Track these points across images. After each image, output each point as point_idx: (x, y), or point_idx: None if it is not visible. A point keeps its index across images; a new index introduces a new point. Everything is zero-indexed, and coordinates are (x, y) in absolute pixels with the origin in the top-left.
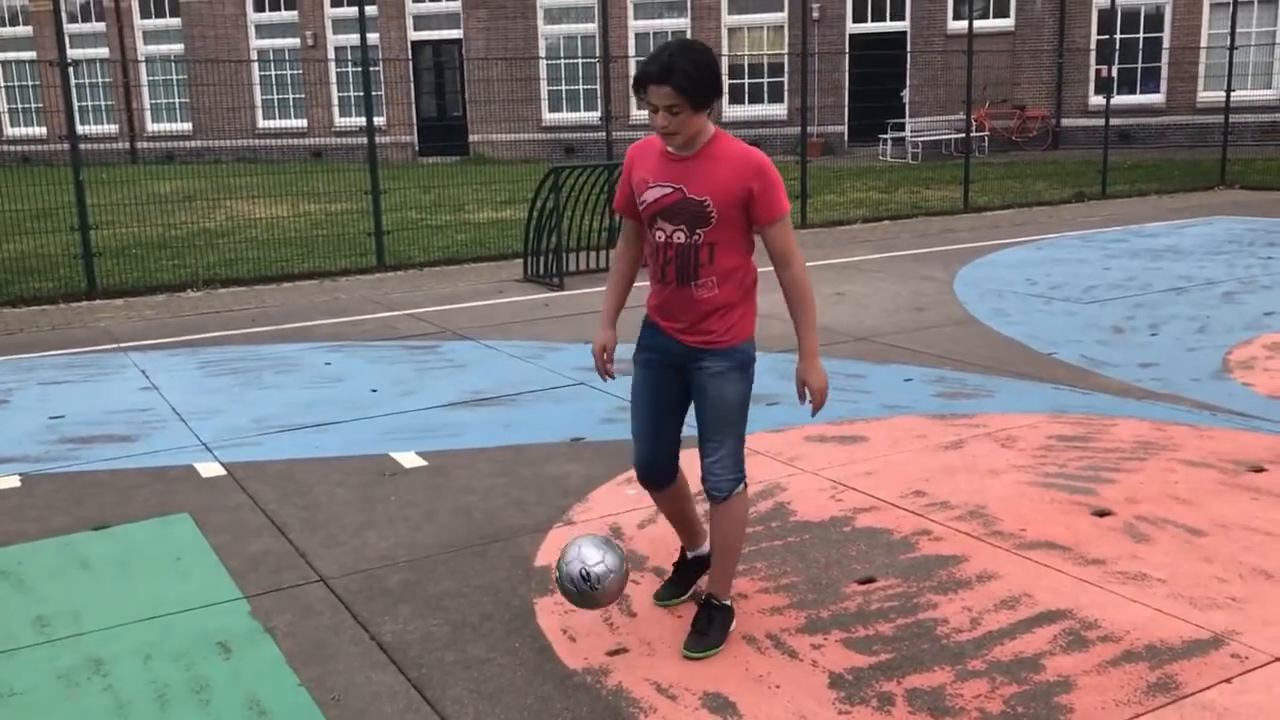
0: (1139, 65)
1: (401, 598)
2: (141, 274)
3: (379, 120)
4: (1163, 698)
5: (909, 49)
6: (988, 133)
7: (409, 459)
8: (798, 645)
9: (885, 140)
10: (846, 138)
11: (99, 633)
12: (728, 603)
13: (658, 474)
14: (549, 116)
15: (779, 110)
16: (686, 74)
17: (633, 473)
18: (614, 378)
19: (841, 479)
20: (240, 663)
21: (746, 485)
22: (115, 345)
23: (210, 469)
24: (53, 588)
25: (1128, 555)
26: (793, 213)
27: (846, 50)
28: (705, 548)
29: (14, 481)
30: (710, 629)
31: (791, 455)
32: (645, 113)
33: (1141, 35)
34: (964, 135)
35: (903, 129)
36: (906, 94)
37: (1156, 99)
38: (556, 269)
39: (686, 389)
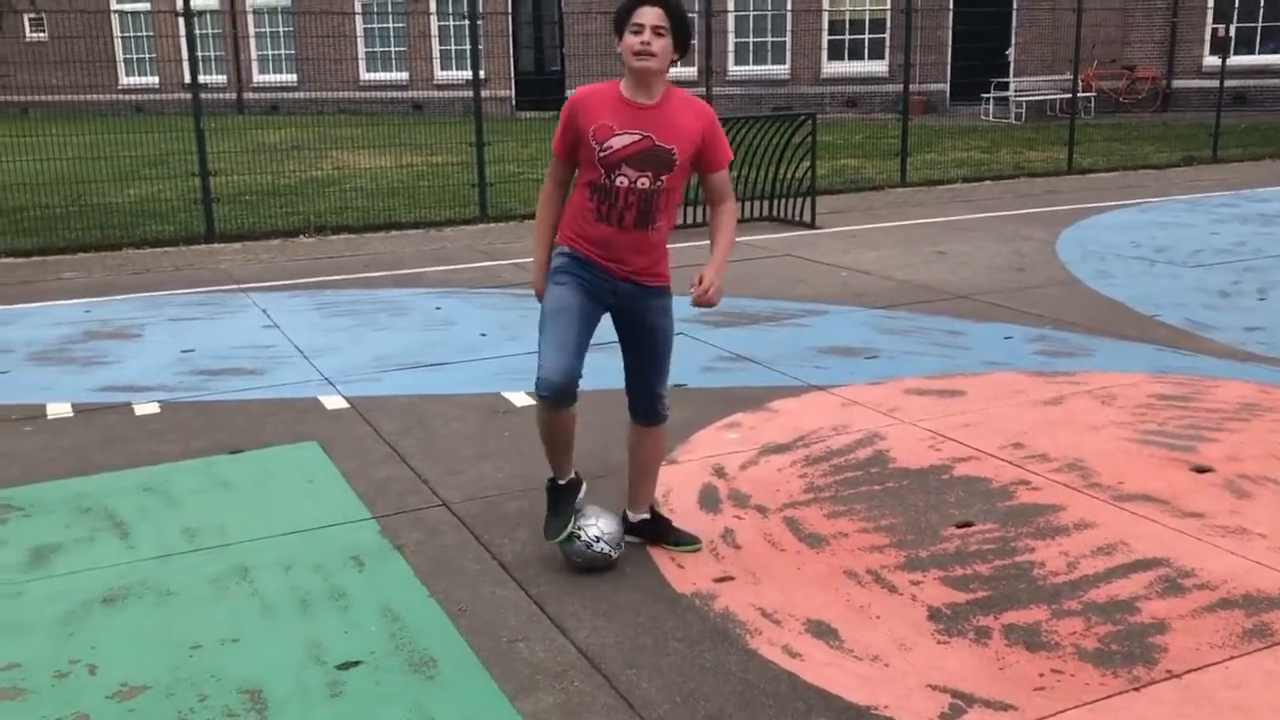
0: (1259, 24)
1: (519, 523)
2: (256, 220)
3: (480, 74)
4: (1258, 643)
5: (1015, 6)
6: (1094, 93)
7: (519, 398)
8: (897, 581)
9: (988, 99)
10: (948, 96)
11: (243, 544)
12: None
13: (571, 388)
14: None
15: (879, 67)
16: (679, 7)
17: (734, 417)
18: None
19: (940, 430)
20: (373, 575)
21: None
22: (236, 286)
23: (334, 402)
24: (198, 503)
25: (1227, 510)
26: (892, 170)
27: (951, 6)
28: (571, 474)
29: (154, 408)
30: (675, 529)
31: (890, 406)
32: (744, 69)
33: None
34: (1070, 96)
35: (1006, 88)
36: (1011, 52)
37: (1277, 59)
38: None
39: (597, 318)
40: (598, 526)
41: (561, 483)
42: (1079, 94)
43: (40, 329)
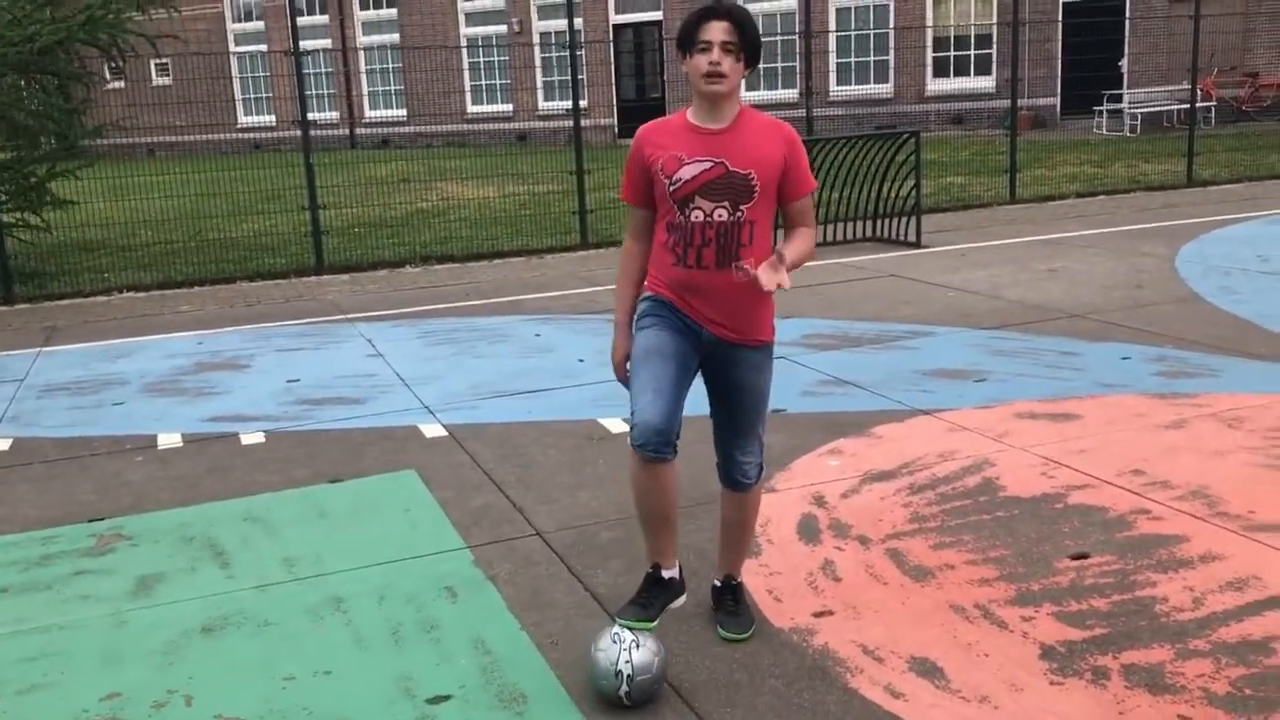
0: None
1: (612, 553)
2: (364, 251)
3: (581, 103)
4: None
5: (1128, 15)
6: (1214, 102)
7: (616, 425)
8: (1007, 616)
9: (1100, 112)
10: (1059, 110)
11: (339, 574)
12: (743, 579)
13: (671, 434)
14: (746, 95)
15: (986, 83)
16: (746, 17)
17: (836, 443)
18: None
19: (1053, 456)
20: (465, 607)
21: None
22: (343, 316)
23: (433, 430)
24: (297, 533)
25: None
26: (1000, 187)
27: (1060, 19)
28: (675, 569)
29: (259, 438)
30: (742, 608)
31: (1000, 432)
32: (846, 89)
33: None
34: (1188, 106)
35: (1119, 100)
36: (1124, 63)
37: None
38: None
39: (693, 364)
40: (636, 652)
41: (664, 576)
42: (1198, 104)
43: (155, 361)
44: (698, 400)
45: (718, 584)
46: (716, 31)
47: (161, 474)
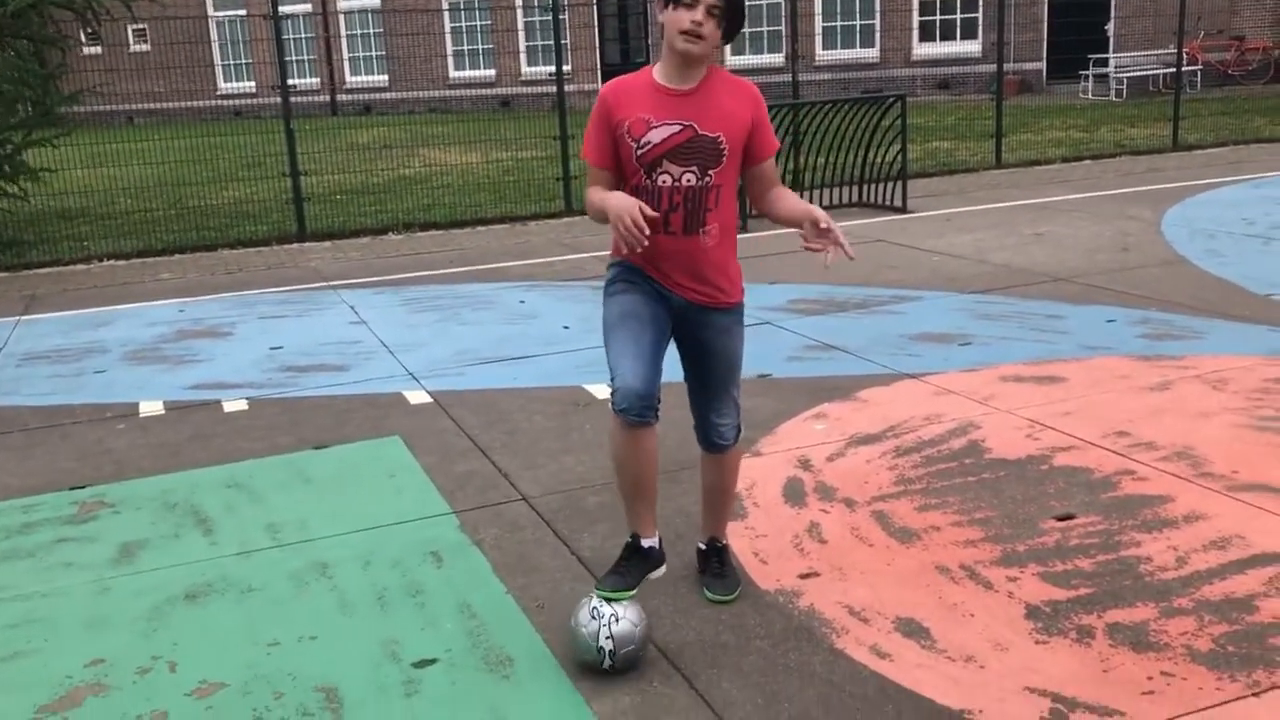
0: None
1: (598, 517)
2: (346, 218)
3: (564, 68)
4: None
5: None
6: (1200, 66)
7: (601, 391)
8: (993, 577)
9: (1087, 77)
10: (1045, 75)
11: (323, 540)
12: (728, 541)
13: (653, 397)
14: (731, 60)
15: (973, 47)
16: None
17: (821, 407)
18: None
19: (1039, 418)
20: (451, 571)
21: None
22: (325, 283)
23: (417, 396)
24: (281, 499)
25: None
26: (987, 152)
27: None
28: (655, 539)
29: (242, 405)
30: (728, 569)
31: (986, 395)
32: (832, 54)
33: None
34: (1174, 70)
35: (1106, 65)
36: (1111, 27)
37: None
38: (742, 211)
39: (667, 328)
40: (616, 626)
41: (644, 545)
42: (1184, 68)
43: (136, 329)
44: (678, 366)
45: (702, 547)
46: None
47: (143, 441)
